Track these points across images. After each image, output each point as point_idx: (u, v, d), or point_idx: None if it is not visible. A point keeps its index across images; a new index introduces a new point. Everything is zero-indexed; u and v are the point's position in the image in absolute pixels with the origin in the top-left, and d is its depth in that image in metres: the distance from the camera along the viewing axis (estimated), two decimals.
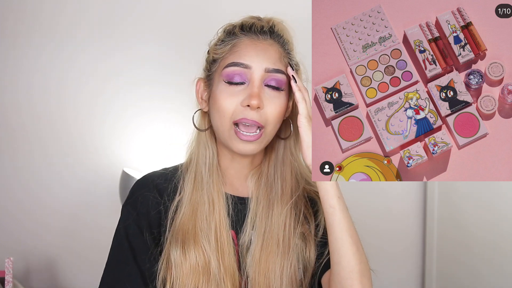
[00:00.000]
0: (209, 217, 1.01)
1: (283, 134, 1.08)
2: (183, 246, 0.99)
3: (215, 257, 0.99)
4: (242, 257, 1.03)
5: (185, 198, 1.02)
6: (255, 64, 0.98)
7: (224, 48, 1.01)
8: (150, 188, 1.04)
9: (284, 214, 1.04)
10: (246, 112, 0.97)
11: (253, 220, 1.04)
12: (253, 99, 0.96)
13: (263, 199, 1.05)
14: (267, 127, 0.99)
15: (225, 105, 0.98)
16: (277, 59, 1.00)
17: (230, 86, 0.99)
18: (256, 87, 0.97)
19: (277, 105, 1.00)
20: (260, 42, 1.00)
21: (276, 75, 0.99)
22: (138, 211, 1.02)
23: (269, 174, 1.06)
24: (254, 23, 1.03)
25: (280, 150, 1.07)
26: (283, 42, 1.03)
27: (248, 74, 0.98)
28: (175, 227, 1.00)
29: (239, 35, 1.02)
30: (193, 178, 1.04)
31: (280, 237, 1.03)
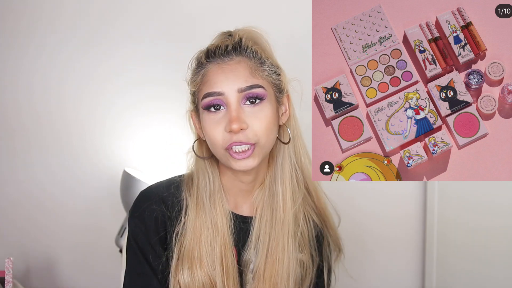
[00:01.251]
0: (213, 241, 1.03)
1: (284, 139, 1.07)
2: (191, 270, 1.01)
3: (220, 279, 1.01)
4: (244, 275, 1.05)
5: (189, 224, 1.03)
6: (226, 89, 0.98)
7: (197, 80, 1.01)
8: (156, 201, 1.04)
9: (287, 221, 1.05)
10: (232, 137, 0.97)
11: (256, 239, 1.05)
12: (232, 123, 0.96)
13: (266, 210, 1.06)
14: (259, 141, 0.98)
15: (213, 135, 0.98)
16: (248, 75, 0.99)
17: (211, 114, 0.99)
18: (233, 111, 0.97)
19: (262, 118, 0.98)
20: (226, 65, 0.99)
21: (251, 91, 0.98)
22: (146, 226, 1.03)
23: (271, 184, 1.06)
24: (218, 45, 1.01)
25: (279, 157, 1.07)
26: (252, 54, 1.00)
27: (224, 100, 0.98)
28: (182, 252, 1.02)
29: (206, 64, 1.01)
30: (195, 204, 1.05)
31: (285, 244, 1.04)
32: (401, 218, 1.94)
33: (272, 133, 1.00)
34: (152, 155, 1.79)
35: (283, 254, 1.03)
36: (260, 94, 0.98)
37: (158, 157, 1.77)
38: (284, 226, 1.04)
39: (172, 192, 1.05)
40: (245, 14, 1.78)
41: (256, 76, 0.99)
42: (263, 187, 1.07)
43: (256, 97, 0.98)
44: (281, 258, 1.03)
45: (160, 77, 1.80)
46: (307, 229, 1.09)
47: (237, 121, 0.96)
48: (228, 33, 1.04)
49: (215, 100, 0.98)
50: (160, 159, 1.76)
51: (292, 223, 1.05)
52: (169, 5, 1.82)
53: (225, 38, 1.03)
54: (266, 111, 0.99)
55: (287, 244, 1.04)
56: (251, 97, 0.98)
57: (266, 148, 1.00)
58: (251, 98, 0.98)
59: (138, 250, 1.02)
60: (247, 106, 0.98)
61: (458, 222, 1.81)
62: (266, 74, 1.00)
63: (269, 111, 0.99)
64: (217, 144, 0.98)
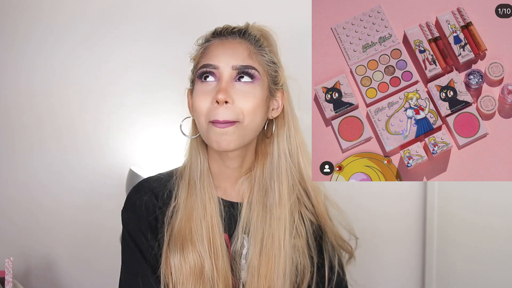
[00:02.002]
0: (202, 221, 1.04)
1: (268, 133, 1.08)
2: (182, 250, 1.02)
3: (209, 260, 1.02)
4: (235, 260, 1.05)
5: (181, 204, 1.05)
6: (222, 64, 1.00)
7: (198, 53, 1.05)
8: (146, 191, 1.06)
9: (283, 218, 1.05)
10: (217, 110, 0.98)
11: (245, 225, 1.06)
12: (219, 93, 0.98)
13: (258, 204, 1.06)
14: (243, 120, 0.99)
15: (199, 105, 1.01)
16: (245, 56, 1.01)
17: (203, 85, 1.01)
18: (223, 83, 0.99)
19: (249, 98, 1.00)
20: (228, 42, 1.03)
21: (245, 70, 1.00)
22: (137, 215, 1.05)
23: (264, 179, 1.07)
24: (226, 27, 1.05)
25: (275, 155, 1.07)
26: (254, 39, 1.04)
27: (218, 74, 1.00)
28: (173, 233, 1.03)
29: (210, 39, 1.05)
30: (187, 184, 1.06)
31: (281, 242, 1.04)
32: (401, 215, 1.94)
33: (257, 117, 1.01)
34: (158, 154, 1.80)
35: (279, 251, 1.04)
36: (253, 75, 1.01)
37: (164, 155, 1.77)
38: (281, 222, 1.05)
39: (163, 184, 1.07)
40: (246, 14, 1.78)
41: (253, 59, 1.02)
42: (249, 177, 1.08)
43: (249, 75, 1.00)
44: (278, 255, 1.04)
45: (166, 78, 1.80)
46: (303, 227, 1.09)
47: (224, 92, 0.98)
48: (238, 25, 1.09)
49: (210, 71, 1.01)
50: (166, 157, 1.76)
51: (289, 220, 1.05)
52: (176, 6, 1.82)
53: (236, 25, 1.07)
54: (255, 92, 1.01)
55: (283, 242, 1.04)
56: (244, 74, 1.00)
57: (248, 131, 1.01)
58: (243, 75, 1.00)
59: (130, 239, 1.04)
60: (238, 84, 1.00)
61: (458, 219, 1.81)
62: (264, 61, 1.03)
63: (259, 94, 1.01)
64: (201, 114, 1.00)
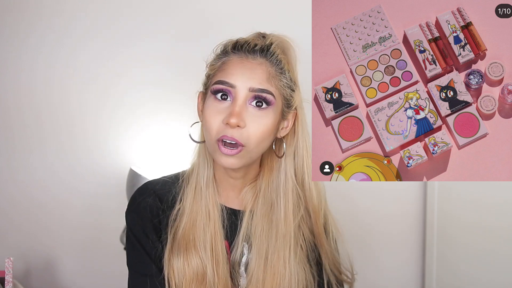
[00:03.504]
0: (206, 227, 1.04)
1: (279, 152, 1.08)
2: (186, 255, 1.02)
3: (210, 266, 1.02)
4: (234, 268, 1.06)
5: (186, 208, 1.05)
6: (239, 83, 0.98)
7: (215, 65, 1.03)
8: (150, 194, 1.06)
9: (288, 236, 1.05)
10: (227, 130, 0.97)
11: (245, 234, 1.06)
12: (232, 117, 0.96)
13: (263, 217, 1.06)
14: (248, 145, 0.99)
15: (211, 122, 0.99)
16: (264, 79, 0.99)
17: (216, 102, 1.00)
18: (237, 106, 0.98)
19: (260, 124, 0.99)
20: (248, 61, 1.00)
21: (261, 94, 0.99)
22: (142, 217, 1.05)
23: (270, 192, 1.07)
24: (248, 41, 1.02)
25: (281, 172, 1.07)
26: (275, 61, 1.01)
27: (233, 93, 0.99)
28: (177, 236, 1.04)
29: (230, 53, 1.02)
30: (193, 189, 1.06)
31: (286, 259, 1.05)
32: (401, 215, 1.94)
33: (264, 143, 1.01)
34: (158, 153, 1.80)
35: (285, 268, 1.04)
36: (269, 100, 0.99)
37: (164, 155, 1.77)
38: (286, 240, 1.05)
39: (168, 188, 1.07)
40: (246, 13, 1.78)
41: (271, 83, 1.00)
42: (254, 187, 1.08)
43: (264, 100, 0.99)
44: (283, 272, 1.04)
45: (165, 77, 1.80)
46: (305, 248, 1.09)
47: (237, 117, 0.97)
48: (263, 34, 1.06)
49: (225, 89, 0.99)
50: (166, 157, 1.76)
51: (294, 239, 1.06)
52: (177, 5, 1.82)
53: (257, 38, 1.04)
54: (267, 119, 1.00)
55: (288, 259, 1.05)
56: (259, 99, 0.99)
57: (253, 154, 1.01)
58: (258, 100, 0.99)
59: (135, 240, 1.04)
60: (252, 107, 0.99)
61: (458, 219, 1.81)
62: (282, 85, 1.01)
63: (270, 120, 1.00)
64: (211, 132, 0.99)
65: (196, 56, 1.09)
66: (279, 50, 1.02)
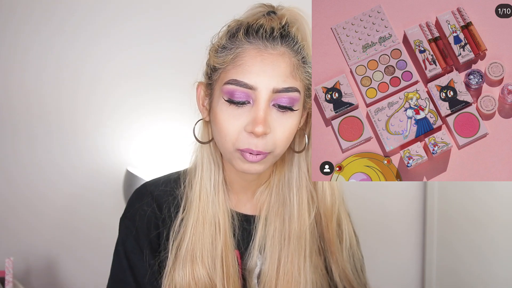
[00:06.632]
0: (215, 239, 0.93)
1: (297, 147, 0.98)
2: (192, 269, 0.92)
3: (220, 280, 0.92)
4: (246, 279, 0.97)
5: (190, 218, 0.93)
6: (261, 85, 0.83)
7: (226, 58, 0.86)
8: (148, 202, 0.95)
9: (303, 237, 0.96)
10: (251, 139, 0.84)
11: (261, 243, 0.96)
12: (257, 125, 0.82)
13: (275, 217, 0.97)
14: (275, 151, 0.88)
15: (228, 129, 0.85)
16: (288, 74, 0.85)
17: (231, 106, 0.85)
18: (261, 110, 0.83)
19: (287, 127, 0.87)
20: (268, 53, 0.84)
21: (286, 94, 0.85)
22: (137, 227, 0.94)
23: (282, 187, 0.98)
24: (263, 25, 0.86)
25: (294, 166, 0.98)
26: (298, 49, 0.87)
27: (253, 95, 0.84)
28: (181, 250, 0.93)
29: (243, 43, 0.85)
30: (198, 195, 0.94)
31: (301, 265, 0.95)
32: (401, 215, 1.95)
33: (289, 142, 0.92)
34: (155, 154, 1.80)
35: (299, 275, 0.94)
36: (295, 100, 0.86)
37: (161, 156, 1.78)
38: (301, 242, 0.95)
39: (168, 190, 0.96)
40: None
41: (296, 77, 0.87)
42: (268, 186, 1.00)
43: (287, 105, 0.86)
44: (297, 280, 0.94)
45: (163, 79, 1.80)
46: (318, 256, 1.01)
47: (263, 124, 0.83)
48: (270, 8, 0.90)
49: (244, 94, 0.83)
50: (163, 158, 1.77)
51: (309, 240, 0.97)
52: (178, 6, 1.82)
53: (270, 18, 0.88)
54: (293, 119, 0.89)
55: (303, 265, 0.95)
56: (285, 99, 0.86)
57: (278, 157, 0.92)
58: (283, 106, 0.86)
59: (123, 255, 0.94)
60: (276, 110, 0.86)
61: (458, 219, 1.81)
62: (305, 76, 0.91)
63: (296, 120, 0.90)
64: (228, 140, 0.86)
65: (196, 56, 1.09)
66: (299, 34, 0.89)
